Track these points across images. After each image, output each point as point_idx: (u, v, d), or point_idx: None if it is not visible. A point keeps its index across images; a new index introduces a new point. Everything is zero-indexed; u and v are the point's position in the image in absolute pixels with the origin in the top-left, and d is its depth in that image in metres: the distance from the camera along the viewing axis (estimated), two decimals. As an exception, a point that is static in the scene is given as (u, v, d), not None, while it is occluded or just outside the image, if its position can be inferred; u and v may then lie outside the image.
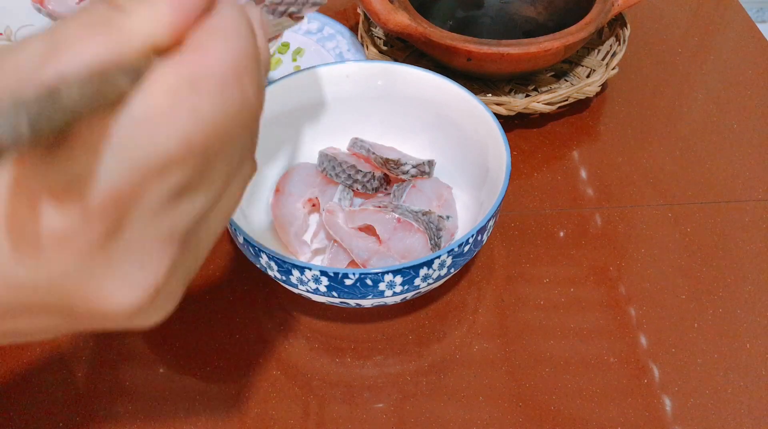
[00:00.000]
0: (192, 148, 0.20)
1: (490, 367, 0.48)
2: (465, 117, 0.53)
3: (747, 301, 0.51)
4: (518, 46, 0.59)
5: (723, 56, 0.73)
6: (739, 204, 0.58)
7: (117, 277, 0.20)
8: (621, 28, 0.68)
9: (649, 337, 0.49)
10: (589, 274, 0.53)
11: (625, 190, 0.59)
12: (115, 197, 0.19)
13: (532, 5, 0.73)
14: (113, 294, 0.20)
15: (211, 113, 0.20)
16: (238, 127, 0.21)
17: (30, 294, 0.20)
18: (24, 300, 0.20)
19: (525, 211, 0.58)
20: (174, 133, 0.19)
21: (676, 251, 0.55)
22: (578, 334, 0.50)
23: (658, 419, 0.45)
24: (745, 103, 0.67)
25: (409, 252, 0.48)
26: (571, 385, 0.47)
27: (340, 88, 0.56)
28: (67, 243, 0.19)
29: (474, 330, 0.50)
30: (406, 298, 0.46)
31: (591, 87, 0.62)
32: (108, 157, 0.18)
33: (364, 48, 0.68)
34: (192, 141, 0.20)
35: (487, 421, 0.45)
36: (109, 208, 0.19)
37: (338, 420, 0.45)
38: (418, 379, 0.47)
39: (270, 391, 0.47)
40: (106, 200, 0.19)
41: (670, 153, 0.63)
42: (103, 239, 0.19)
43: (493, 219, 0.45)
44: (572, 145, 0.63)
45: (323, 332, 0.50)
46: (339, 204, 0.51)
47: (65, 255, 0.19)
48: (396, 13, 0.61)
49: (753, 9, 1.69)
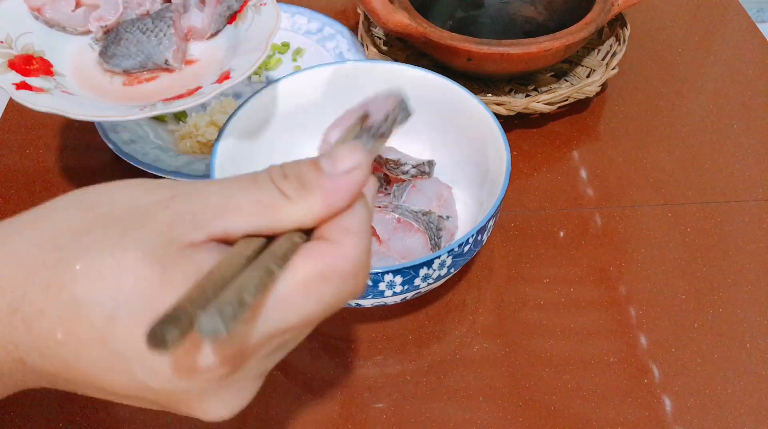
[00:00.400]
0: (309, 324, 0.26)
1: (490, 367, 0.48)
2: (465, 117, 0.53)
3: (747, 301, 0.51)
4: (518, 46, 0.59)
5: (723, 56, 0.73)
6: (739, 204, 0.58)
7: (219, 400, 0.26)
8: (621, 28, 0.68)
9: (649, 337, 0.49)
10: (589, 274, 0.53)
11: (625, 190, 0.59)
12: (246, 350, 0.24)
13: (532, 5, 0.73)
14: (211, 410, 0.26)
15: (330, 300, 0.25)
16: (343, 304, 0.26)
17: (151, 395, 0.26)
18: (144, 396, 0.26)
19: (525, 211, 0.58)
20: (301, 312, 0.25)
21: (676, 251, 0.55)
22: (578, 334, 0.50)
23: (658, 419, 0.45)
24: (745, 103, 0.67)
25: (409, 252, 0.48)
26: (571, 385, 0.47)
27: (340, 88, 0.56)
28: (202, 374, 0.24)
29: (474, 330, 0.50)
30: (406, 298, 0.46)
31: (591, 87, 0.62)
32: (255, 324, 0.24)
33: (364, 48, 0.68)
34: (311, 319, 0.25)
35: (487, 421, 0.45)
36: (238, 357, 0.24)
37: (338, 420, 0.45)
38: (418, 379, 0.47)
39: (270, 391, 0.47)
40: (238, 351, 0.24)
41: (670, 153, 0.63)
42: (225, 377, 0.25)
43: (493, 219, 0.45)
44: (572, 145, 0.63)
45: (323, 332, 0.50)
46: None
47: (196, 380, 0.24)
48: (396, 13, 0.61)
49: (753, 9, 1.69)
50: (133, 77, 0.51)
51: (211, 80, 0.48)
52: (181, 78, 0.51)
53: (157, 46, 0.50)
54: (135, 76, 0.52)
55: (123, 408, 0.46)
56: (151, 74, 0.52)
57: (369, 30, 0.69)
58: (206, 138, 0.60)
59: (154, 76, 0.51)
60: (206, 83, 0.48)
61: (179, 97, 0.47)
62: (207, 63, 0.52)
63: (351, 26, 0.73)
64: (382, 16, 0.60)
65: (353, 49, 0.70)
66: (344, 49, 0.70)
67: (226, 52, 0.52)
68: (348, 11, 0.77)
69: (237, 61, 0.49)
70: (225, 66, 0.50)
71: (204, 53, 0.53)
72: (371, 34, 0.69)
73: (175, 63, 0.51)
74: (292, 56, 0.71)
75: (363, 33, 0.69)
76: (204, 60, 0.52)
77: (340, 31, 0.72)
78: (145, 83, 0.51)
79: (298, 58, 0.70)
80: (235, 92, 0.67)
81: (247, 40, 0.51)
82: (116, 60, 0.51)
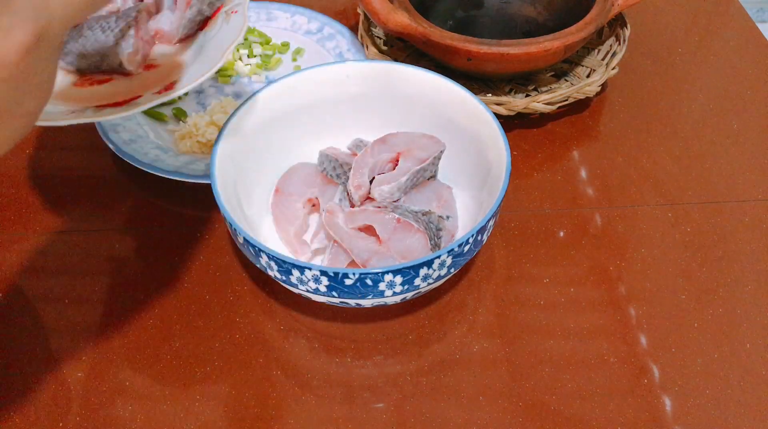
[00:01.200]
0: None
1: (490, 367, 0.48)
2: (465, 117, 0.53)
3: (747, 301, 0.51)
4: (518, 46, 0.59)
5: (723, 56, 0.73)
6: (739, 204, 0.58)
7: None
8: (621, 28, 0.68)
9: (649, 337, 0.49)
10: (589, 274, 0.53)
11: (625, 190, 0.59)
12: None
13: (532, 5, 0.73)
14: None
15: None
16: None
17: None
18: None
19: (525, 211, 0.58)
20: None
21: (676, 251, 0.55)
22: (578, 334, 0.50)
23: (658, 419, 0.45)
24: (745, 103, 0.67)
25: (409, 252, 0.48)
26: (571, 385, 0.47)
27: (340, 87, 0.56)
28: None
29: (474, 330, 0.50)
30: (406, 298, 0.46)
31: (591, 87, 0.62)
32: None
33: (364, 48, 0.69)
34: None
35: (487, 421, 0.45)
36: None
37: (338, 420, 0.45)
38: (418, 379, 0.47)
39: (270, 391, 0.47)
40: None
41: (670, 153, 0.63)
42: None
43: (493, 219, 0.45)
44: (572, 145, 0.63)
45: (323, 332, 0.50)
46: (339, 205, 0.51)
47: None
48: (396, 13, 0.61)
49: (753, 9, 1.69)
50: (85, 79, 0.48)
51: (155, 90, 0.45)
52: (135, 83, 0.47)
53: (114, 47, 0.46)
54: (87, 77, 0.48)
55: (123, 408, 0.46)
56: (104, 76, 0.48)
57: (369, 30, 0.69)
58: (206, 138, 0.60)
59: (108, 77, 0.47)
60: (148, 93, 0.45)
61: (114, 104, 0.43)
62: (168, 69, 0.48)
63: (351, 26, 0.73)
64: (382, 16, 0.60)
65: (353, 49, 0.70)
66: (344, 49, 0.70)
67: (191, 59, 0.48)
68: (348, 11, 0.77)
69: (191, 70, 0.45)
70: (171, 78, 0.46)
71: (167, 58, 0.49)
72: (371, 34, 0.69)
73: (130, 66, 0.47)
74: (292, 56, 0.71)
75: (363, 33, 0.69)
76: (165, 66, 0.48)
77: (340, 31, 0.72)
78: (96, 86, 0.47)
79: (298, 57, 0.70)
80: (235, 92, 0.67)
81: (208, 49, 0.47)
82: (70, 58, 0.47)
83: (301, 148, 0.56)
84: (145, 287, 0.52)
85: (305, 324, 0.50)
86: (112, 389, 0.47)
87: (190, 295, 0.52)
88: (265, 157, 0.54)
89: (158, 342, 0.49)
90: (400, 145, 0.53)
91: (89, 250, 0.55)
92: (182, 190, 0.59)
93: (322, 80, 0.55)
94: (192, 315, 0.51)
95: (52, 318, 0.51)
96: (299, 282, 0.43)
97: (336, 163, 0.54)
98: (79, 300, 0.52)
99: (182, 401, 0.46)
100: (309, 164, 0.56)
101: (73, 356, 0.48)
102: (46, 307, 0.51)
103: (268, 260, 0.43)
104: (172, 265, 0.54)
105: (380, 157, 0.52)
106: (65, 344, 0.49)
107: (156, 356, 0.48)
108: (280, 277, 0.44)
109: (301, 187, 0.54)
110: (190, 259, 0.54)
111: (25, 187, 0.59)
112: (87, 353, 0.49)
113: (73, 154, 0.62)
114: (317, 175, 0.55)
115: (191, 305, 0.51)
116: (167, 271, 0.53)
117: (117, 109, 0.42)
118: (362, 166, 0.52)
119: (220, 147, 0.49)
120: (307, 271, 0.42)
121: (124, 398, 0.46)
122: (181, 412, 0.46)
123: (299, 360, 0.49)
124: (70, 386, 0.47)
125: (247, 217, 0.50)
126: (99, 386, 0.47)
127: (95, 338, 0.49)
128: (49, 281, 0.53)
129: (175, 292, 0.52)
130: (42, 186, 0.59)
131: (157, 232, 0.56)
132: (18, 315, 0.51)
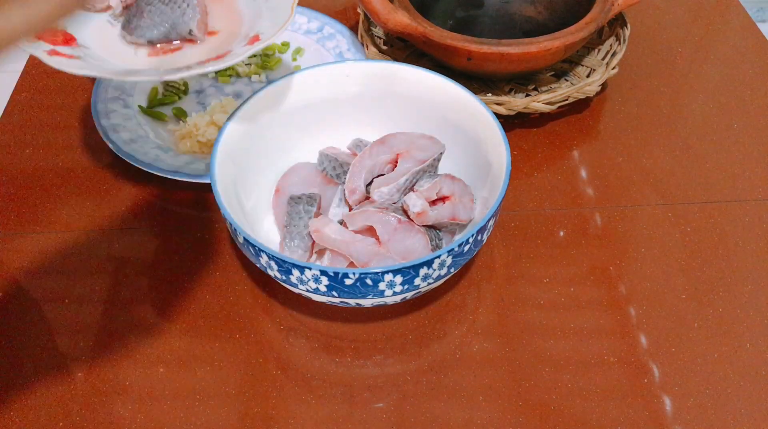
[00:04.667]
0: None
1: (490, 367, 0.48)
2: (465, 117, 0.53)
3: (747, 301, 0.51)
4: (518, 45, 0.59)
5: (723, 56, 0.73)
6: (739, 204, 0.58)
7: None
8: (621, 28, 0.68)
9: (649, 337, 0.49)
10: (589, 274, 0.53)
11: (625, 190, 0.59)
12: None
13: (532, 5, 0.73)
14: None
15: None
16: None
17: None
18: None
19: (525, 210, 0.58)
20: None
21: (676, 251, 0.55)
22: (578, 334, 0.50)
23: (658, 419, 0.45)
24: (745, 103, 0.67)
25: (410, 253, 0.48)
26: (571, 385, 0.47)
27: (340, 87, 0.55)
28: None
29: (474, 330, 0.50)
30: (406, 298, 0.46)
31: (591, 86, 0.62)
32: None
33: (364, 47, 0.68)
34: None
35: (487, 421, 0.45)
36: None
37: (338, 420, 0.45)
38: (418, 379, 0.47)
39: (270, 391, 0.47)
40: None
41: (670, 153, 0.63)
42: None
43: (493, 219, 0.45)
44: (572, 145, 0.63)
45: (323, 332, 0.50)
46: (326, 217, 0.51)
47: None
48: (396, 13, 0.61)
49: (753, 9, 1.69)
50: (157, 49, 0.51)
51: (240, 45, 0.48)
52: (205, 49, 0.51)
53: (180, 16, 0.50)
54: (159, 47, 0.51)
55: (123, 408, 0.46)
56: (174, 46, 0.51)
57: (369, 29, 0.69)
58: (206, 138, 0.60)
59: (178, 47, 0.51)
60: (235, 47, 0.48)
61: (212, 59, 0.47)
62: (229, 35, 0.52)
63: (351, 26, 0.73)
64: (382, 16, 0.60)
65: (353, 48, 0.70)
66: (344, 49, 0.70)
67: (248, 23, 0.52)
68: (348, 11, 0.77)
69: (264, 25, 0.49)
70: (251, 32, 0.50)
71: (225, 25, 0.53)
72: (371, 33, 0.69)
73: (199, 33, 0.51)
74: (292, 56, 0.71)
75: (363, 32, 0.69)
76: (225, 32, 0.52)
77: (340, 30, 0.72)
78: (170, 54, 0.51)
79: (298, 57, 0.70)
80: (235, 92, 0.67)
81: (270, 9, 0.51)
82: (140, 31, 0.50)
83: (301, 148, 0.56)
84: (145, 287, 0.52)
85: (305, 324, 0.50)
86: (112, 389, 0.47)
87: (190, 295, 0.52)
88: (265, 157, 0.54)
89: (158, 342, 0.49)
90: (399, 146, 0.53)
91: (89, 250, 0.55)
92: (182, 190, 0.59)
93: (322, 80, 0.55)
94: (192, 315, 0.51)
95: (52, 318, 0.51)
96: (299, 282, 0.43)
97: (336, 163, 0.54)
98: (79, 300, 0.52)
99: (182, 401, 0.46)
100: (309, 164, 0.56)
101: (73, 356, 0.48)
102: (46, 307, 0.51)
103: (269, 260, 0.43)
104: (172, 265, 0.54)
105: (379, 158, 0.52)
106: (65, 344, 0.49)
107: (156, 356, 0.48)
108: (280, 276, 0.44)
109: (301, 186, 0.54)
110: (190, 259, 0.54)
111: (25, 187, 0.59)
112: (87, 353, 0.49)
113: (73, 154, 0.62)
114: (317, 174, 0.55)
115: (191, 305, 0.51)
116: (167, 271, 0.53)
117: (219, 61, 0.46)
118: (359, 169, 0.52)
119: (220, 147, 0.49)
120: (307, 271, 0.42)
121: (124, 398, 0.46)
122: (181, 412, 0.46)
123: (299, 360, 0.49)
124: (70, 386, 0.47)
125: (247, 217, 0.50)
126: (99, 386, 0.47)
127: (95, 338, 0.49)
128: (49, 281, 0.53)
129: (175, 292, 0.52)
130: (42, 186, 0.59)
131: (157, 232, 0.56)
132: (18, 315, 0.51)
